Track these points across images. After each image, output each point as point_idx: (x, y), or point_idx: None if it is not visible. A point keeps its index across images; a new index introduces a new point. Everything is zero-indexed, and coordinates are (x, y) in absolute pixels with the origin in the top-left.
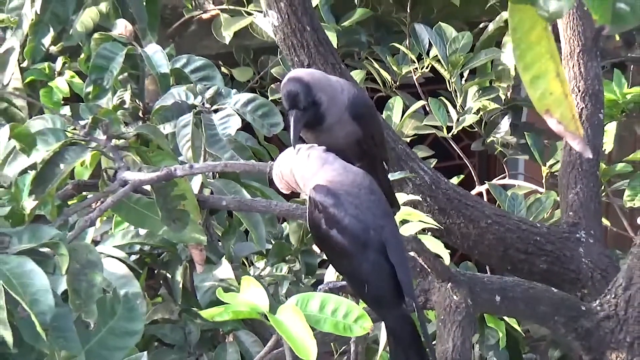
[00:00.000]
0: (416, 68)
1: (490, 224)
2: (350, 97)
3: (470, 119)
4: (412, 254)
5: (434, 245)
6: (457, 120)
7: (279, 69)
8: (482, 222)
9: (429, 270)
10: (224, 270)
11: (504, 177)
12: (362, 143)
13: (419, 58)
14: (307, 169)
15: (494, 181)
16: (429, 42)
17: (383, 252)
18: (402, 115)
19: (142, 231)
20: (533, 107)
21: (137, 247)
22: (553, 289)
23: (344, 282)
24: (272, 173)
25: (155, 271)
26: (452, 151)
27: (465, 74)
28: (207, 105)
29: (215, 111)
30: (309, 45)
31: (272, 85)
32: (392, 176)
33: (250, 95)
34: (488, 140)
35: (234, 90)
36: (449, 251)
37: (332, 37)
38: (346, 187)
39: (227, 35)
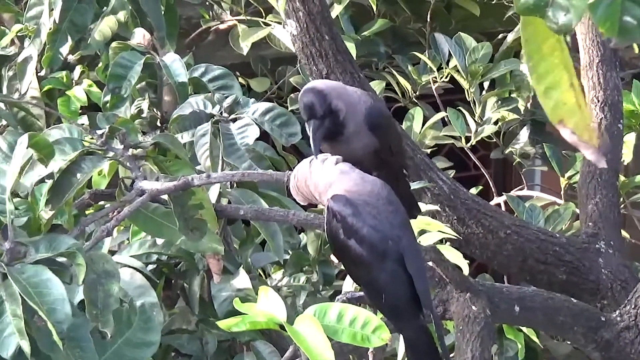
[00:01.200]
0: (435, 78)
1: (509, 234)
2: (367, 107)
3: (489, 130)
4: (430, 264)
5: (453, 255)
6: (476, 130)
7: (298, 78)
8: (501, 232)
9: (448, 280)
10: (242, 280)
11: (522, 189)
12: (379, 153)
13: (439, 68)
14: (324, 179)
15: (513, 193)
16: (449, 52)
17: (401, 262)
18: (422, 125)
19: (159, 241)
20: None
21: (154, 257)
22: (572, 299)
23: (361, 293)
24: (289, 184)
25: (173, 281)
26: (468, 162)
27: (485, 85)
28: (225, 115)
29: (234, 120)
30: (327, 54)
31: (291, 95)
32: (415, 185)
33: (268, 104)
34: (506, 151)
35: (252, 100)
36: (468, 261)
37: (351, 48)
38: (364, 197)
39: (245, 46)
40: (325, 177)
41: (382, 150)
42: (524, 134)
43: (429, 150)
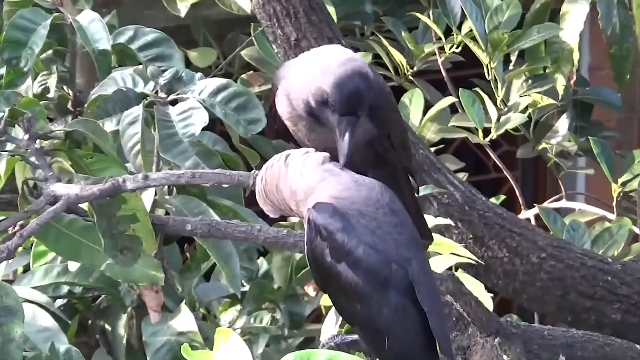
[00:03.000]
0: (442, 48)
1: (544, 259)
2: None
3: (516, 119)
4: (446, 297)
5: (475, 286)
6: (498, 120)
7: (252, 50)
8: (533, 255)
9: (470, 320)
10: (184, 320)
11: (560, 199)
12: (376, 145)
13: (447, 34)
14: (304, 181)
15: (547, 203)
16: (461, 12)
17: (410, 294)
18: (422, 114)
19: (73, 266)
20: (601, 103)
21: (65, 289)
22: (637, 345)
23: (355, 336)
24: (255, 188)
25: (90, 321)
26: (487, 161)
27: (512, 58)
28: (162, 95)
29: (173, 103)
30: (297, 12)
31: (243, 76)
32: (423, 190)
33: (221, 81)
34: (539, 148)
35: (199, 75)
36: (492, 294)
37: (328, 6)
38: (358, 206)
39: (184, 6)
40: (306, 179)
41: (379, 140)
42: (563, 125)
43: (432, 149)
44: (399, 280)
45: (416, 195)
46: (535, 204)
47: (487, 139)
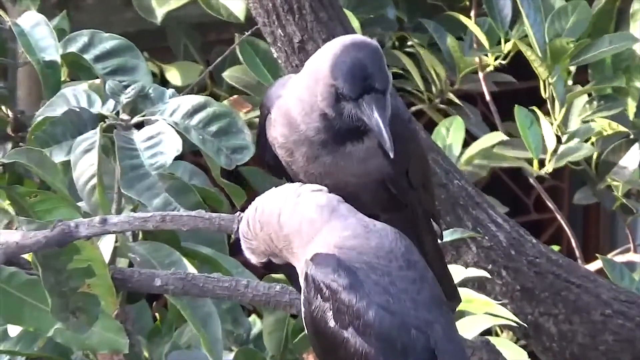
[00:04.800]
0: (486, 59)
1: (610, 317)
2: None
3: (582, 151)
4: None
5: (511, 353)
6: (555, 149)
7: (237, 70)
8: (595, 312)
9: None
10: None
11: (627, 250)
12: (389, 184)
13: (495, 43)
14: (302, 225)
15: (613, 255)
16: (512, 14)
17: None
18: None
19: (13, 331)
20: None
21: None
22: None
23: None
24: (240, 233)
25: None
26: (524, 197)
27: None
28: (125, 117)
29: (139, 126)
30: (302, 8)
31: (225, 101)
32: (449, 235)
33: (197, 99)
34: (601, 187)
35: (171, 91)
36: None
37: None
38: (367, 257)
39: (162, 11)
40: (306, 222)
41: (394, 179)
42: (634, 158)
43: None
44: (420, 349)
45: (439, 243)
46: (599, 256)
47: (543, 170)
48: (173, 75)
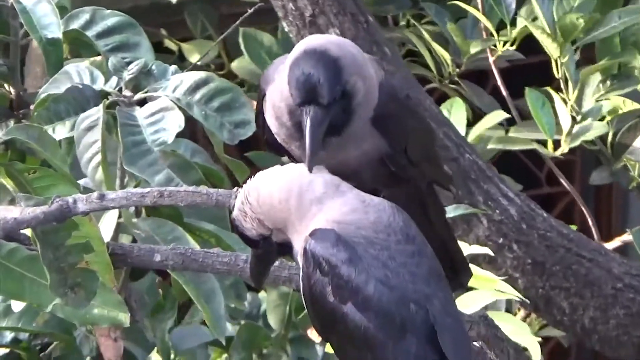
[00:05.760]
0: (494, 46)
1: (621, 290)
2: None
3: (596, 129)
4: (478, 344)
5: (514, 327)
6: (570, 130)
7: (243, 61)
8: (606, 286)
9: None
10: None
11: None
12: (388, 162)
13: (501, 23)
14: (299, 202)
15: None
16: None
17: (431, 340)
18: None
19: (17, 307)
20: None
21: (9, 336)
22: None
23: None
24: (235, 209)
25: None
26: (536, 171)
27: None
28: (127, 93)
29: (141, 103)
30: None
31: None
32: (452, 210)
33: (199, 75)
34: (617, 166)
35: (173, 68)
36: (540, 339)
37: None
38: (366, 232)
39: None
40: (304, 199)
41: (393, 157)
42: None
43: None
44: (419, 323)
45: (443, 209)
46: (628, 230)
47: (558, 152)
48: (191, 53)
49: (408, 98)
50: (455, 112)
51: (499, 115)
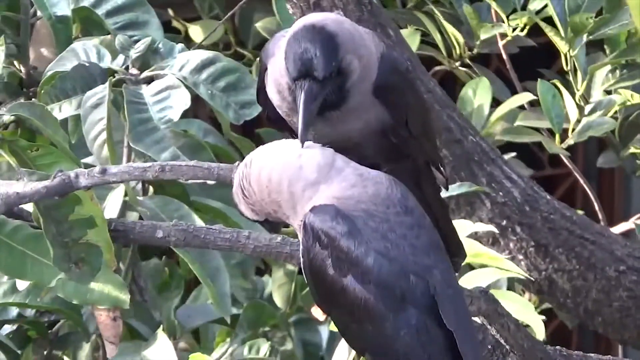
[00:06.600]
0: (505, 32)
1: (624, 273)
2: (378, 59)
3: (605, 125)
4: (478, 319)
5: (518, 306)
6: (575, 126)
7: (267, 22)
8: (609, 268)
9: (508, 348)
10: (161, 349)
11: None
12: (389, 134)
13: (509, 14)
14: (299, 177)
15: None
16: None
17: (432, 312)
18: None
19: (22, 285)
20: None
21: (14, 312)
22: None
23: None
24: (234, 184)
25: (46, 352)
26: (539, 153)
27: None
28: (134, 71)
29: (148, 81)
30: None
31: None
32: (455, 189)
33: (206, 54)
34: (626, 153)
35: (180, 46)
36: (544, 317)
37: None
38: (365, 205)
39: None
40: (303, 175)
41: (394, 128)
42: None
43: None
44: (419, 294)
45: (440, 190)
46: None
47: (564, 144)
48: (197, 33)
49: (408, 71)
50: (481, 92)
51: (525, 97)
